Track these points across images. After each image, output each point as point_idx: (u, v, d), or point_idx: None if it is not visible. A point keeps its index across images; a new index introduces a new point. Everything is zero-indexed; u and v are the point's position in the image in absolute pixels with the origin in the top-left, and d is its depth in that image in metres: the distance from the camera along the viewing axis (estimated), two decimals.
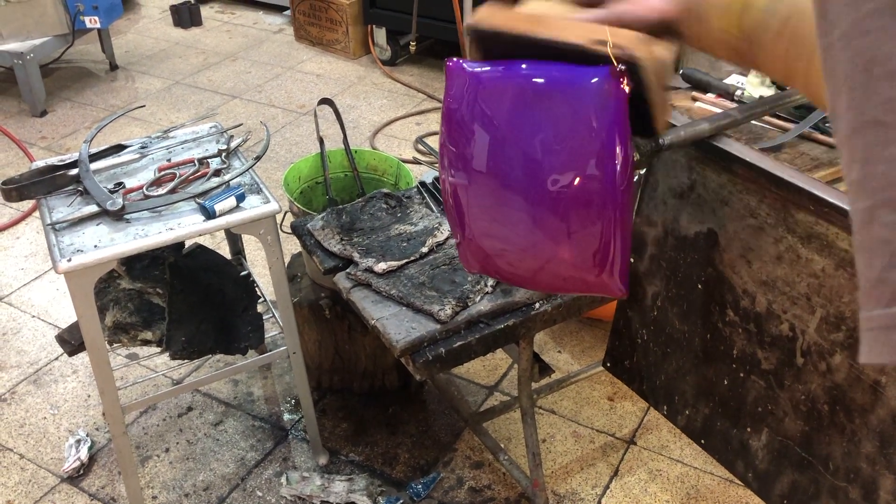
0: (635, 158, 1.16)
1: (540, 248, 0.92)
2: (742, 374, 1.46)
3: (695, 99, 2.01)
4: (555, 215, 0.87)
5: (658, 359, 1.68)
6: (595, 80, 0.80)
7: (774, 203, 1.30)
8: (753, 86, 1.99)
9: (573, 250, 0.92)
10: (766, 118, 1.84)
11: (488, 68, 0.87)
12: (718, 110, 1.90)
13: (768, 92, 1.96)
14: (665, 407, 1.71)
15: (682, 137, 1.30)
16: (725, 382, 1.51)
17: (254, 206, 1.62)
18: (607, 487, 1.98)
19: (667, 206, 1.53)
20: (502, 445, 2.00)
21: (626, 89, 0.79)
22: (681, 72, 2.10)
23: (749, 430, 1.49)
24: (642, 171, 1.35)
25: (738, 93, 1.94)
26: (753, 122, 1.86)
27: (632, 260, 1.63)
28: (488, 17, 0.81)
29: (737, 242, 1.38)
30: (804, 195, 1.26)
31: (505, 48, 0.80)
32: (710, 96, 1.99)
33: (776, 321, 1.36)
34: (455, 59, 0.88)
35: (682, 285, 1.53)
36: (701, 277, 1.49)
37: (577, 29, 0.77)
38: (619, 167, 0.86)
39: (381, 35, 4.14)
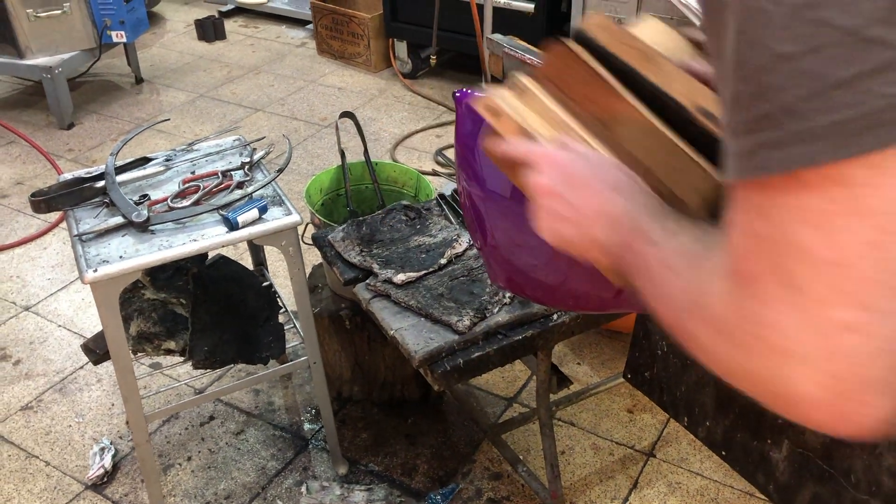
0: None
1: (558, 265, 0.93)
2: None
3: None
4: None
5: (678, 370, 1.68)
6: None
7: None
8: None
9: (590, 270, 0.93)
10: None
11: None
12: None
13: None
14: (685, 418, 1.71)
15: None
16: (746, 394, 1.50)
17: (276, 218, 1.64)
18: (626, 500, 1.97)
19: None
20: (521, 457, 2.01)
21: None
22: None
23: (770, 441, 1.49)
24: None
25: None
26: None
27: None
28: (601, 30, 0.77)
29: None
30: None
31: (602, 61, 0.75)
32: None
33: None
34: (463, 90, 0.89)
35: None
36: None
37: (685, 84, 0.72)
38: None
39: (402, 48, 4.17)
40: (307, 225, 2.16)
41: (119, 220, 1.60)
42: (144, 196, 1.70)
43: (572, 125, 0.75)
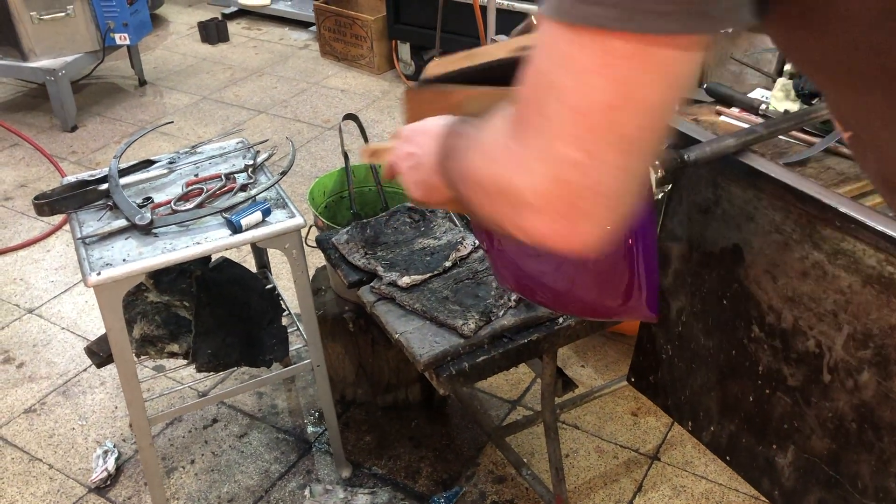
0: (659, 174, 1.17)
1: (565, 272, 0.94)
2: (768, 391, 1.45)
3: (719, 113, 2.01)
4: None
5: (683, 374, 1.67)
6: None
7: (800, 219, 1.30)
8: (778, 100, 1.98)
9: (596, 279, 0.95)
10: (792, 132, 1.83)
11: None
12: (743, 125, 1.90)
13: (793, 106, 1.94)
14: (690, 423, 1.70)
15: (706, 153, 1.30)
16: (751, 398, 1.49)
17: (279, 221, 1.64)
18: (631, 503, 1.97)
19: (691, 221, 1.52)
20: (525, 460, 2.00)
21: None
22: (704, 86, 2.10)
23: (775, 447, 1.48)
24: (667, 188, 1.35)
25: (763, 107, 1.93)
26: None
27: None
28: (433, 68, 0.94)
29: (762, 258, 1.38)
30: (830, 211, 1.25)
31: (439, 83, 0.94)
32: (735, 111, 1.99)
33: (802, 338, 1.34)
34: None
35: (706, 301, 1.53)
36: (726, 293, 1.48)
37: (504, 47, 0.88)
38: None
39: (405, 50, 4.17)
40: (311, 227, 2.16)
41: (122, 222, 1.60)
42: (148, 199, 1.69)
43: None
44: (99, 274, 1.50)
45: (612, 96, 0.50)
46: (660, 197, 1.29)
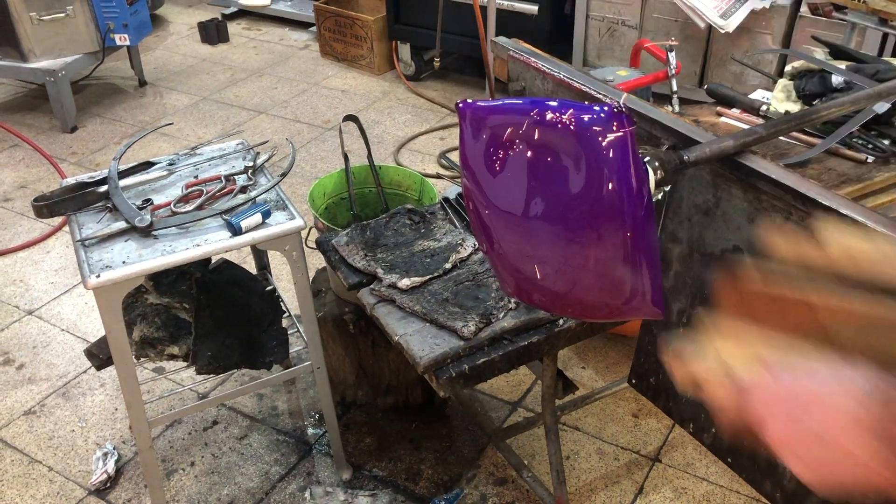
0: (660, 176, 1.16)
1: (566, 275, 0.93)
2: None
3: (720, 114, 2.00)
4: (575, 245, 0.88)
5: None
6: (603, 114, 0.81)
7: (801, 221, 1.29)
8: (779, 101, 1.97)
9: (598, 280, 0.94)
10: (792, 133, 1.82)
11: (498, 109, 0.90)
12: (743, 125, 1.89)
13: (794, 107, 1.94)
14: (691, 425, 1.70)
15: (706, 154, 1.29)
16: None
17: (279, 223, 1.63)
18: None
19: (692, 223, 1.52)
20: (526, 462, 1.99)
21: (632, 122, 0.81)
22: (706, 87, 2.09)
23: None
24: (667, 189, 1.34)
25: (764, 108, 1.93)
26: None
27: None
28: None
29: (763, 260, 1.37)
30: (831, 213, 1.24)
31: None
32: (735, 111, 1.98)
33: None
34: (466, 100, 0.90)
35: (707, 303, 1.52)
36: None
37: None
38: (631, 201, 0.87)
39: (405, 51, 4.17)
40: (311, 229, 2.16)
41: (122, 224, 1.60)
42: (147, 200, 1.69)
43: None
44: (98, 276, 1.49)
45: None
46: (660, 197, 1.28)
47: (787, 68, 2.02)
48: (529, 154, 0.85)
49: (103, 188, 1.69)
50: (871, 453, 0.49)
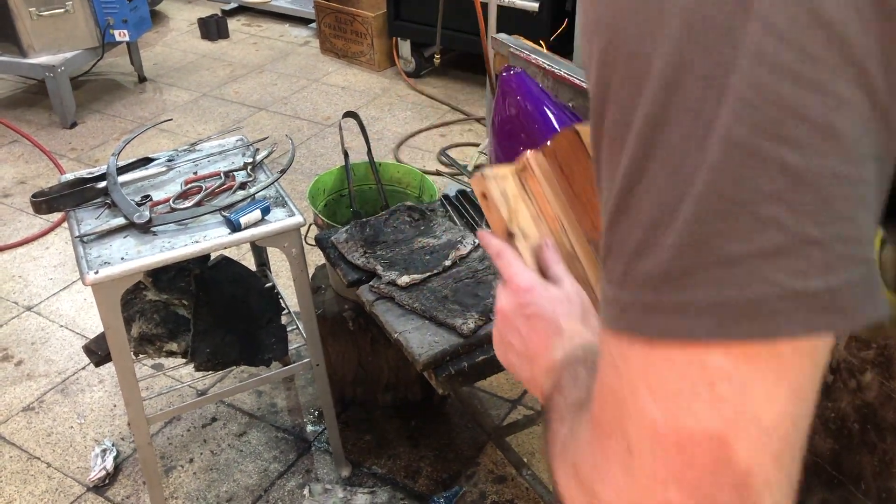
0: None
1: None
2: None
3: None
4: None
5: None
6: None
7: None
8: None
9: None
10: None
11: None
12: None
13: None
14: None
15: None
16: None
17: (279, 219, 1.63)
18: None
19: None
20: (525, 460, 1.99)
21: None
22: None
23: None
24: None
25: None
26: None
27: None
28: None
29: None
30: None
31: None
32: None
33: None
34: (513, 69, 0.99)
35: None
36: None
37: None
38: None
39: (405, 47, 4.16)
40: (310, 226, 2.15)
41: (121, 221, 1.59)
42: (146, 197, 1.68)
43: (563, 221, 0.75)
44: (97, 272, 1.49)
45: (719, 425, 0.39)
46: None
47: None
48: None
49: (102, 184, 1.69)
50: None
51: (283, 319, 1.94)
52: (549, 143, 0.77)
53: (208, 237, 1.58)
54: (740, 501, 0.40)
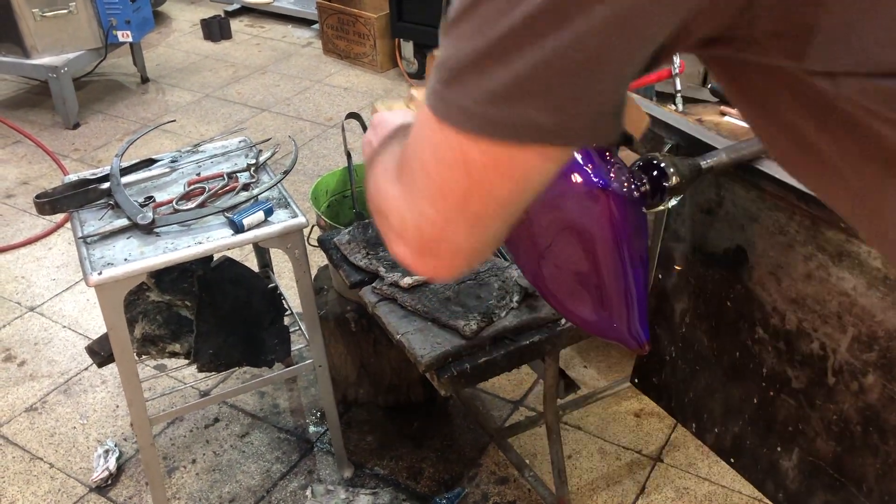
0: (675, 182, 1.17)
1: (558, 289, 0.98)
2: (772, 393, 1.44)
3: (723, 113, 2.00)
4: (556, 270, 0.99)
5: (686, 376, 1.66)
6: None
7: (804, 220, 1.29)
8: None
9: (581, 301, 1.03)
10: None
11: None
12: (746, 125, 1.89)
13: None
14: (694, 425, 1.69)
15: (723, 161, 1.29)
16: (755, 401, 1.49)
17: (282, 221, 1.63)
18: None
19: (694, 222, 1.51)
20: (527, 461, 1.99)
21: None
22: (709, 86, 2.09)
23: (779, 449, 1.47)
24: (680, 198, 1.33)
25: None
26: None
27: (659, 276, 1.63)
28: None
29: (766, 259, 1.37)
30: (834, 213, 1.24)
31: None
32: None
33: (806, 340, 1.34)
34: None
35: (710, 302, 1.52)
36: (729, 294, 1.47)
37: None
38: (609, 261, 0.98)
39: (408, 48, 4.16)
40: (313, 227, 2.15)
41: (124, 222, 1.59)
42: (149, 198, 1.69)
43: None
44: (100, 273, 1.49)
45: (465, 186, 0.56)
46: (673, 203, 1.27)
47: None
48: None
49: (105, 185, 1.69)
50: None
51: (286, 320, 1.94)
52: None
53: (211, 238, 1.58)
54: (471, 230, 0.59)
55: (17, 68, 3.74)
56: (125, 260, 1.52)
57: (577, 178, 0.94)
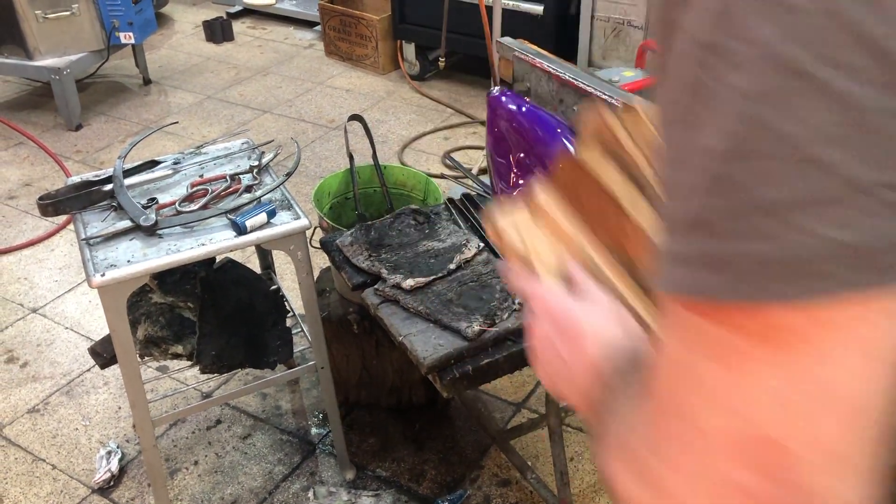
0: None
1: None
2: None
3: None
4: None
5: None
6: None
7: None
8: None
9: None
10: None
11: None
12: None
13: None
14: None
15: None
16: None
17: (284, 222, 1.63)
18: None
19: None
20: (529, 463, 1.99)
21: None
22: None
23: None
24: None
25: None
26: None
27: None
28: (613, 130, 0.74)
29: None
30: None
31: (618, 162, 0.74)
32: None
33: None
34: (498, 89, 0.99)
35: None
36: None
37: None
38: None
39: (410, 50, 4.16)
40: (315, 229, 2.15)
41: (127, 223, 1.60)
42: (152, 199, 1.69)
43: (581, 238, 0.73)
44: (103, 275, 1.49)
45: (782, 383, 0.35)
46: None
47: None
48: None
49: (108, 187, 1.69)
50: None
51: (288, 322, 1.94)
52: (551, 175, 0.76)
53: (214, 240, 1.58)
54: (823, 482, 0.36)
55: (20, 70, 3.74)
56: (128, 261, 1.52)
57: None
